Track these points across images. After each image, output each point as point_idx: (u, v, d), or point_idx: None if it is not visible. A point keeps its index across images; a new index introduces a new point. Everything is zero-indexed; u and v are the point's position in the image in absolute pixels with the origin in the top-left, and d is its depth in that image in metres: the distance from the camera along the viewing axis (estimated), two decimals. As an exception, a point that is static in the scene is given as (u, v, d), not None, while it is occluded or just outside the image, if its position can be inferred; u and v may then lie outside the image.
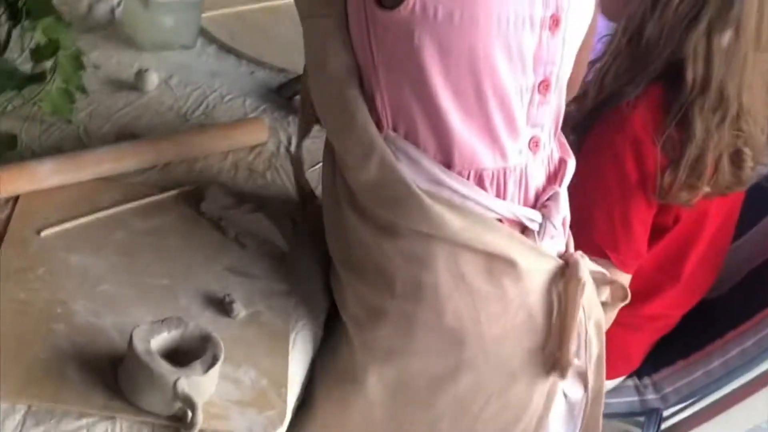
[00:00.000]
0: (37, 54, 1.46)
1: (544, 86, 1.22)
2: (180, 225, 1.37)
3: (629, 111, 1.46)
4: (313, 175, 1.48)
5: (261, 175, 1.49)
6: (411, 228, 1.21)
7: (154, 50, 1.71)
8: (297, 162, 1.43)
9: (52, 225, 1.30)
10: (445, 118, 1.18)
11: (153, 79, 1.61)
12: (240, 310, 1.26)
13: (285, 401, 1.18)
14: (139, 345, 1.10)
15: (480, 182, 1.22)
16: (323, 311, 1.34)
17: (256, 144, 1.55)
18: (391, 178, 1.20)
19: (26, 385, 1.10)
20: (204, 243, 1.35)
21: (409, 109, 1.19)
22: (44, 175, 1.33)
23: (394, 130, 1.20)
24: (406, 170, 1.19)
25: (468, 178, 1.21)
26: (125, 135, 1.49)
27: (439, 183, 1.20)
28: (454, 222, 1.20)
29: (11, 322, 1.16)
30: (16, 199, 1.32)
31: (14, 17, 1.48)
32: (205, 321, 1.22)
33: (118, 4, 1.79)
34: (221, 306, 1.26)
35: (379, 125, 1.20)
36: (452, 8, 1.12)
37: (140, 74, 1.60)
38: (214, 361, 1.12)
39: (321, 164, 1.36)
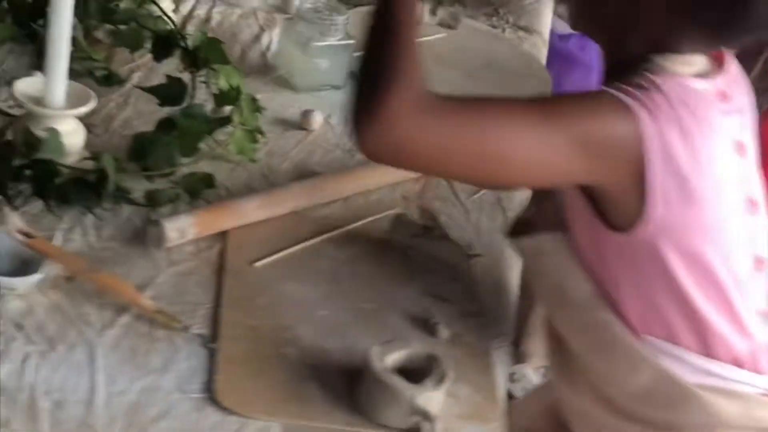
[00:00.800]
0: (221, 99, 1.56)
1: (758, 263, 1.27)
2: (372, 253, 1.45)
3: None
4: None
5: (429, 202, 1.58)
6: (689, 422, 1.25)
7: (309, 91, 1.79)
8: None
9: (263, 256, 1.38)
10: (702, 315, 1.22)
11: (318, 119, 1.69)
12: (444, 331, 1.34)
13: (500, 415, 1.26)
14: (377, 364, 1.18)
15: (737, 364, 1.25)
16: (511, 328, 1.42)
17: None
18: (663, 382, 1.24)
19: (273, 404, 1.18)
20: (396, 268, 1.43)
21: (664, 314, 1.23)
22: (248, 211, 1.43)
23: (649, 333, 1.24)
24: (674, 370, 1.24)
25: (726, 362, 1.25)
26: (304, 171, 1.58)
27: (705, 373, 1.24)
28: (729, 408, 1.24)
29: (247, 348, 1.24)
30: (223, 233, 1.41)
31: (194, 65, 1.57)
32: (415, 341, 1.29)
33: (268, 48, 1.88)
34: (426, 327, 1.34)
35: (633, 333, 1.24)
36: (686, 219, 1.17)
37: (306, 114, 1.69)
38: (442, 377, 1.21)
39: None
